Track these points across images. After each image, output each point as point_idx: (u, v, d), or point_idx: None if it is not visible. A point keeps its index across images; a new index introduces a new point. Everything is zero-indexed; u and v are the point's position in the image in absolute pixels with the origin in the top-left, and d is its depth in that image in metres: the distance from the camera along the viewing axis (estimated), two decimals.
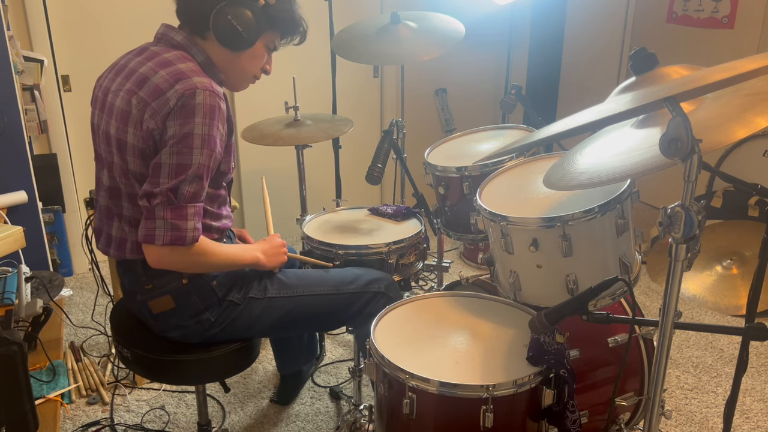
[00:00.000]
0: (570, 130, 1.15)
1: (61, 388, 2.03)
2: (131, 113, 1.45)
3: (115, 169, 1.52)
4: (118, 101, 1.48)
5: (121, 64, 1.55)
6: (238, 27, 1.49)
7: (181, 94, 1.41)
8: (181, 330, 1.60)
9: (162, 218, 1.41)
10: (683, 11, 3.59)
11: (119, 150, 1.49)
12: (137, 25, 3.14)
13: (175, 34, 1.54)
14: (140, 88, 1.45)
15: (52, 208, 3.08)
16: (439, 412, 1.34)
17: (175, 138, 1.41)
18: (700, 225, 1.03)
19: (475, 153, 2.04)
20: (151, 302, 1.57)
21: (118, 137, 1.48)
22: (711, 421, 2.19)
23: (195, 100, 1.41)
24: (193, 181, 1.42)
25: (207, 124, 1.42)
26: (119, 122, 1.47)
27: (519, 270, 1.57)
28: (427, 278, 3.08)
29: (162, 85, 1.43)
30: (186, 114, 1.41)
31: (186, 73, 1.44)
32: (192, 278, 1.56)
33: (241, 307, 1.62)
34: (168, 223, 1.41)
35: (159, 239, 1.41)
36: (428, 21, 2.43)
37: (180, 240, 1.42)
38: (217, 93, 1.45)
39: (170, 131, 1.41)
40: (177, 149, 1.41)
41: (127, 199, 1.53)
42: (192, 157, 1.41)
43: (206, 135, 1.42)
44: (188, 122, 1.41)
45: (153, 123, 1.42)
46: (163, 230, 1.41)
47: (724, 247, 2.97)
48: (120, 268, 1.63)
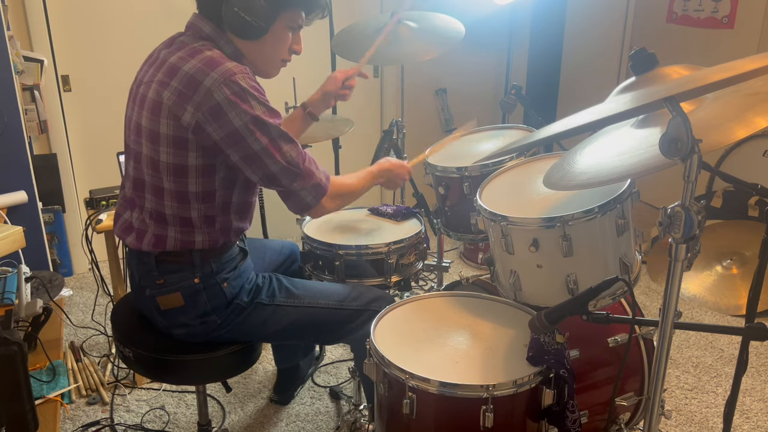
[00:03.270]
0: (570, 130, 1.15)
1: (61, 388, 2.03)
2: (163, 104, 1.44)
3: (143, 160, 1.52)
4: (150, 93, 1.48)
5: (154, 56, 1.56)
6: (247, 18, 1.47)
7: (221, 82, 1.41)
8: (187, 329, 1.60)
9: (302, 188, 1.55)
10: (683, 11, 3.59)
11: (151, 141, 1.48)
12: (137, 25, 3.14)
13: (204, 24, 1.53)
14: (172, 78, 1.45)
15: (52, 208, 3.09)
16: (439, 412, 1.34)
17: (248, 126, 1.44)
18: (700, 225, 1.03)
19: (475, 153, 2.04)
20: (160, 298, 1.57)
21: (150, 128, 1.48)
22: (711, 421, 2.19)
23: (239, 84, 1.42)
24: (287, 146, 1.50)
25: (261, 100, 1.46)
26: (151, 113, 1.47)
27: (519, 270, 1.57)
28: (427, 278, 3.08)
29: (196, 75, 1.42)
30: (240, 100, 1.42)
31: (217, 60, 1.44)
32: (203, 278, 1.56)
33: (248, 311, 1.62)
34: (308, 188, 1.56)
35: (313, 202, 1.58)
36: (428, 21, 2.43)
37: (323, 189, 1.58)
38: (251, 74, 1.48)
39: (236, 123, 1.43)
40: (257, 134, 1.45)
41: (151, 191, 1.53)
42: (271, 131, 1.47)
43: (266, 109, 1.47)
44: (248, 107, 1.43)
45: (201, 115, 1.42)
46: (309, 195, 1.57)
47: (724, 247, 2.97)
48: (133, 259, 1.63)
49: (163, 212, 1.53)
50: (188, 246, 1.55)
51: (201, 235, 1.55)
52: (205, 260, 1.56)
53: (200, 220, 1.54)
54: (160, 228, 1.54)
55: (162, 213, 1.53)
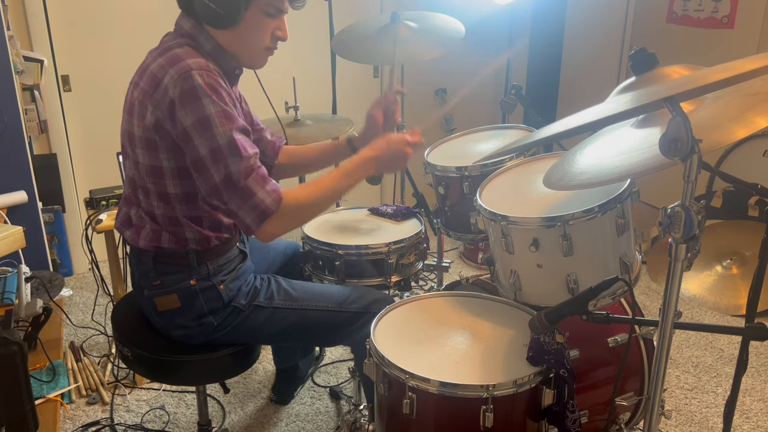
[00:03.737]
0: (570, 130, 1.15)
1: (61, 388, 2.03)
2: (135, 105, 1.45)
3: (130, 161, 1.53)
4: (130, 94, 1.49)
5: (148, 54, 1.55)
6: (212, 5, 1.41)
7: (177, 80, 1.36)
8: (184, 330, 1.60)
9: (237, 208, 1.41)
10: (683, 11, 3.59)
11: (130, 143, 1.50)
12: (137, 25, 3.14)
13: (185, 22, 1.50)
14: (141, 78, 1.45)
15: (52, 208, 3.09)
16: (439, 412, 1.34)
17: (194, 127, 1.37)
18: (700, 225, 1.03)
19: (475, 153, 2.04)
20: (157, 299, 1.57)
21: (128, 129, 1.49)
22: (711, 421, 2.19)
23: (194, 81, 1.36)
24: (233, 157, 1.38)
25: (215, 101, 1.38)
26: (128, 115, 1.49)
27: (519, 270, 1.57)
28: (427, 278, 3.08)
29: (158, 72, 1.40)
30: (191, 98, 1.36)
31: (180, 56, 1.40)
32: (200, 280, 1.56)
33: (246, 314, 1.62)
34: (245, 210, 1.40)
35: (253, 225, 1.42)
36: (428, 21, 2.43)
37: (266, 213, 1.41)
38: (212, 71, 1.40)
39: (185, 122, 1.37)
40: (201, 137, 1.37)
41: (141, 191, 1.54)
42: (217, 138, 1.37)
43: (219, 111, 1.38)
44: (198, 106, 1.36)
45: (159, 113, 1.40)
46: (248, 216, 1.41)
47: (724, 247, 2.97)
48: (132, 258, 1.64)
49: (153, 212, 1.54)
50: (183, 244, 1.55)
51: (192, 234, 1.54)
52: (202, 262, 1.56)
53: (187, 220, 1.53)
54: (155, 225, 1.55)
55: (153, 213, 1.54)
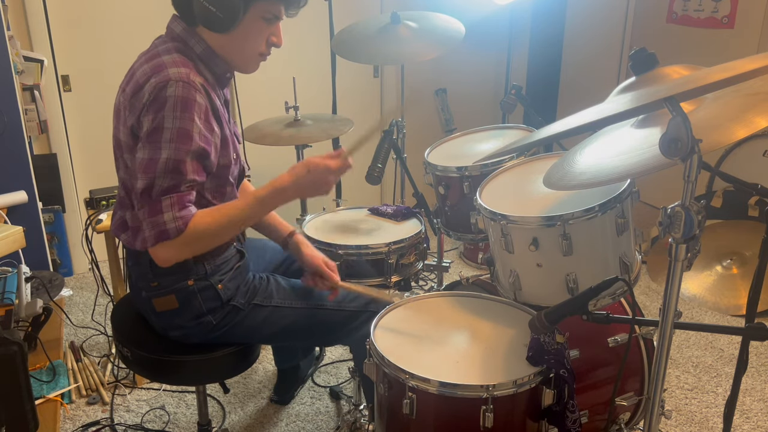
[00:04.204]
0: (570, 130, 1.15)
1: (61, 388, 2.03)
2: (120, 110, 1.46)
3: (120, 164, 1.53)
4: (117, 99, 1.50)
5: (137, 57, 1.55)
6: (213, 9, 1.40)
7: (153, 87, 1.36)
8: (182, 330, 1.59)
9: (143, 219, 1.38)
10: (683, 11, 3.59)
11: (118, 148, 1.50)
12: (137, 25, 3.14)
13: (176, 25, 1.49)
14: (127, 84, 1.45)
15: (52, 208, 3.08)
16: (439, 412, 1.34)
17: (147, 133, 1.36)
18: (700, 225, 1.03)
19: (475, 153, 2.04)
20: (155, 300, 1.57)
21: (116, 135, 1.50)
22: (711, 421, 2.19)
23: (166, 92, 1.35)
24: (165, 175, 1.36)
25: (178, 117, 1.36)
26: (116, 120, 1.49)
27: (519, 269, 1.57)
28: (427, 278, 3.08)
29: (140, 79, 1.41)
30: (157, 107, 1.36)
31: (165, 65, 1.39)
32: (198, 280, 1.55)
33: (245, 313, 1.62)
34: (148, 223, 1.38)
35: (148, 241, 1.38)
36: (428, 21, 2.43)
37: (164, 235, 1.37)
38: (192, 84, 1.38)
39: (144, 126, 1.37)
40: (148, 144, 1.36)
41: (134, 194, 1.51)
42: (161, 151, 1.36)
43: (176, 128, 1.36)
44: (158, 115, 1.35)
45: (132, 118, 1.41)
46: (148, 230, 1.37)
47: (724, 247, 2.97)
48: (130, 260, 1.63)
49: None
50: None
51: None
52: (199, 262, 1.55)
53: None
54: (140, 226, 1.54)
55: None
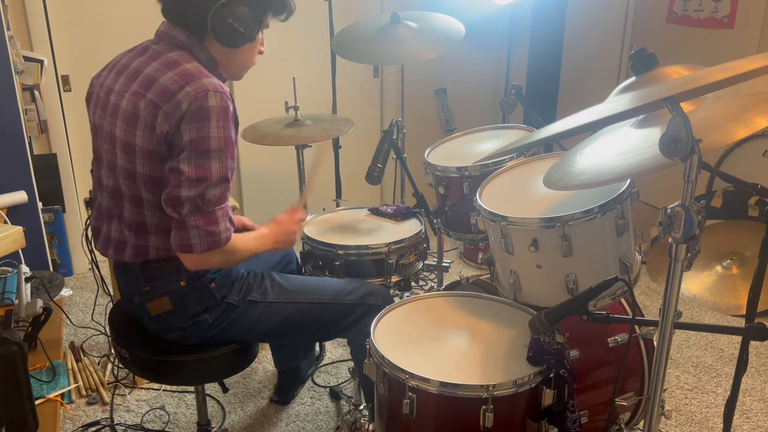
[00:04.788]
0: (570, 130, 1.15)
1: (61, 388, 2.03)
2: (140, 116, 1.42)
3: (118, 170, 1.50)
4: (124, 103, 1.45)
5: (123, 64, 1.52)
6: (239, 27, 1.46)
7: (193, 97, 1.39)
8: (179, 331, 1.60)
9: (195, 227, 1.42)
10: (683, 11, 3.59)
11: (126, 152, 1.47)
12: (137, 25, 3.13)
13: (178, 33, 1.50)
14: (148, 90, 1.42)
15: (52, 208, 3.08)
16: (439, 412, 1.34)
17: (193, 144, 1.39)
18: (700, 225, 1.03)
19: (475, 153, 2.04)
20: (149, 304, 1.57)
21: (126, 140, 1.45)
22: (711, 421, 2.19)
23: (208, 102, 1.39)
24: (217, 185, 1.42)
25: (222, 126, 1.41)
26: (126, 125, 1.45)
27: (519, 270, 1.57)
28: (427, 278, 3.08)
29: (171, 86, 1.41)
30: (201, 118, 1.39)
31: (194, 74, 1.42)
32: (190, 280, 1.55)
33: (240, 310, 1.62)
34: (202, 231, 1.43)
35: (197, 248, 1.44)
36: (428, 21, 2.43)
37: (216, 244, 1.45)
38: (226, 94, 1.44)
39: (187, 136, 1.39)
40: (196, 155, 1.39)
41: (129, 201, 1.51)
42: (211, 161, 1.41)
43: (222, 137, 1.41)
44: (204, 126, 1.39)
45: (166, 126, 1.40)
46: (198, 238, 1.43)
47: (724, 247, 2.97)
48: (118, 269, 1.64)
49: (143, 222, 1.51)
50: (170, 253, 1.52)
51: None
52: None
53: None
54: (140, 238, 1.52)
55: (142, 222, 1.51)
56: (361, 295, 1.73)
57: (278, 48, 1.56)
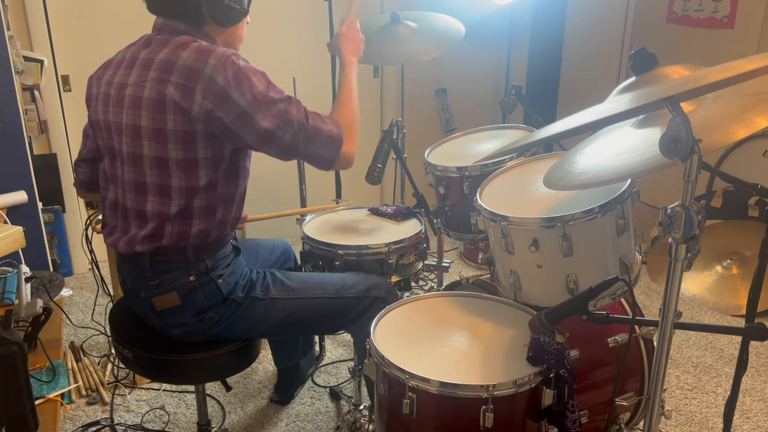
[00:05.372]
0: (570, 130, 1.15)
1: (61, 388, 2.03)
2: (167, 100, 1.43)
3: (145, 161, 1.49)
4: (146, 92, 1.45)
5: (129, 57, 1.53)
6: (235, 6, 1.52)
7: (222, 68, 1.42)
8: (184, 328, 1.60)
9: (316, 147, 1.53)
10: (683, 11, 3.60)
11: (156, 140, 1.46)
12: (137, 25, 3.12)
13: (177, 23, 1.53)
14: (170, 74, 1.43)
15: (52, 208, 3.09)
16: (439, 412, 1.34)
17: (253, 104, 1.45)
18: (700, 225, 1.03)
19: (476, 153, 2.04)
20: (156, 299, 1.57)
21: (155, 127, 1.45)
22: (711, 421, 2.19)
23: (238, 65, 1.44)
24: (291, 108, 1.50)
25: (258, 77, 1.47)
26: (153, 112, 1.44)
27: (519, 270, 1.57)
28: (427, 278, 3.08)
29: (194, 65, 1.43)
30: (243, 80, 1.44)
31: (209, 48, 1.46)
32: (199, 276, 1.56)
33: (244, 306, 1.62)
34: (322, 145, 1.53)
35: (335, 156, 1.56)
36: (428, 21, 2.43)
37: (339, 139, 1.56)
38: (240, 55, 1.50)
39: (242, 101, 1.44)
40: (264, 109, 1.46)
41: (155, 191, 1.50)
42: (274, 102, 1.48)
43: (265, 83, 1.48)
44: (251, 85, 1.45)
45: (208, 104, 1.42)
46: (327, 151, 1.55)
47: (724, 247, 2.97)
48: (124, 264, 1.62)
49: (167, 212, 1.51)
50: (184, 239, 1.53)
51: (198, 225, 1.53)
52: (199, 257, 1.56)
53: (201, 210, 1.53)
54: (157, 227, 1.53)
55: (165, 212, 1.51)
56: (364, 288, 1.73)
57: (278, 48, 1.57)
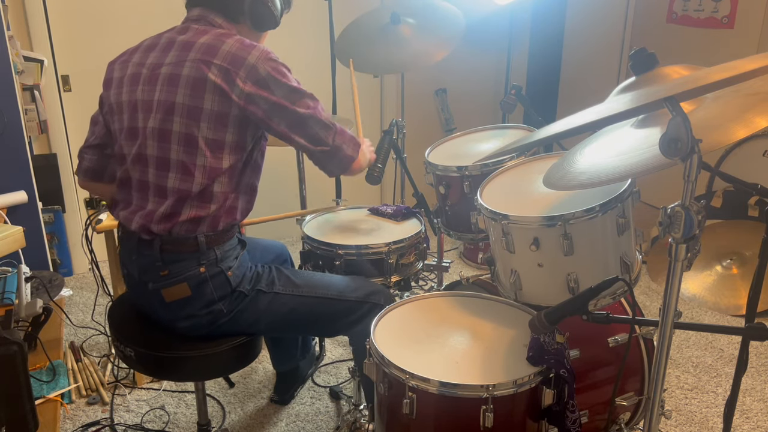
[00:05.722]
0: (570, 130, 1.15)
1: (61, 388, 2.03)
2: (207, 81, 1.49)
3: (173, 137, 1.53)
4: (185, 71, 1.51)
5: (165, 41, 1.58)
6: (274, 11, 1.63)
7: (265, 60, 1.51)
8: (191, 320, 1.60)
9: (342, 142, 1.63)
10: (683, 11, 3.59)
11: (190, 117, 1.51)
12: (137, 25, 3.14)
13: (215, 16, 1.60)
14: (213, 57, 1.50)
15: (52, 208, 3.09)
16: (439, 412, 1.34)
17: (290, 95, 1.54)
18: (700, 225, 1.03)
19: (476, 153, 2.04)
20: (165, 290, 1.56)
21: (192, 104, 1.50)
22: (711, 421, 2.19)
23: (277, 62, 1.54)
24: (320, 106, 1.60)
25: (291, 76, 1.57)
26: (192, 90, 1.50)
27: (520, 269, 1.57)
28: (427, 278, 3.08)
29: (239, 53, 1.50)
30: (281, 74, 1.53)
31: (250, 42, 1.54)
32: (209, 266, 1.57)
33: (249, 299, 1.63)
34: (346, 142, 1.64)
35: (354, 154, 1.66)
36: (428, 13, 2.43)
37: (357, 142, 1.68)
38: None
39: (279, 93, 1.52)
40: (300, 99, 1.56)
41: (178, 168, 1.53)
42: (307, 96, 1.58)
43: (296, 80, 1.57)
44: (289, 80, 1.54)
45: (248, 88, 1.50)
46: (350, 147, 1.65)
47: (724, 247, 2.97)
48: (132, 254, 1.61)
49: (188, 189, 1.53)
50: (196, 224, 1.55)
51: (215, 210, 1.56)
52: (210, 247, 1.56)
53: (220, 194, 1.56)
54: (176, 206, 1.54)
55: (187, 190, 1.53)
56: (365, 294, 1.73)
57: (278, 48, 1.57)
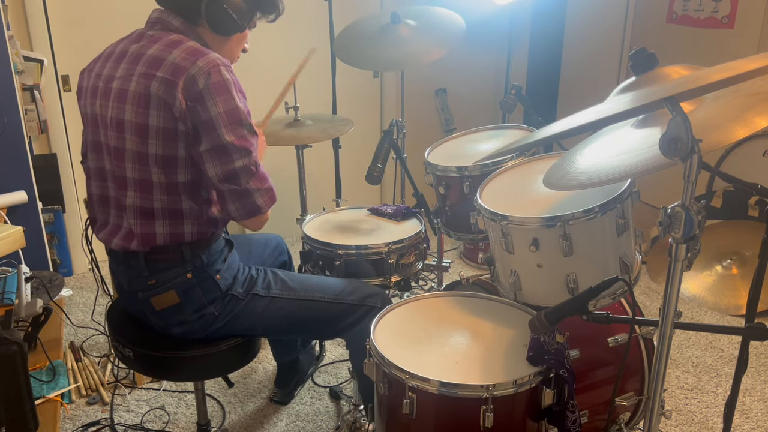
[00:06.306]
0: (570, 130, 1.15)
1: (61, 388, 2.03)
2: (152, 96, 1.43)
3: (127, 156, 1.49)
4: (132, 86, 1.46)
5: (119, 51, 1.54)
6: (234, 15, 1.53)
7: (207, 72, 1.42)
8: (185, 326, 1.59)
9: (257, 189, 1.52)
10: (683, 11, 3.59)
11: (138, 135, 1.46)
12: (138, 25, 3.13)
13: (172, 18, 1.54)
14: (158, 69, 1.44)
15: (52, 208, 3.09)
16: (439, 412, 1.34)
17: (227, 115, 1.45)
18: (700, 225, 1.03)
19: (476, 153, 2.04)
20: (154, 299, 1.56)
21: (138, 121, 1.45)
22: (711, 421, 2.19)
23: (222, 76, 1.44)
24: (255, 148, 1.51)
25: (240, 97, 1.48)
26: (138, 106, 1.45)
27: (519, 269, 1.57)
28: (427, 278, 3.08)
29: (182, 63, 1.43)
30: (222, 90, 1.44)
31: (201, 50, 1.46)
32: (196, 272, 1.56)
33: (244, 303, 1.62)
34: (263, 191, 1.54)
35: (264, 207, 1.55)
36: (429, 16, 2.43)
37: (274, 197, 1.58)
38: (232, 68, 1.50)
39: (214, 110, 1.43)
40: (233, 126, 1.45)
41: (136, 186, 1.50)
42: (244, 128, 1.48)
43: (244, 107, 1.48)
44: (229, 98, 1.45)
45: (186, 102, 1.43)
46: (262, 198, 1.54)
47: (724, 247, 2.97)
48: (119, 266, 1.61)
49: (150, 207, 1.51)
50: (178, 239, 1.53)
51: (191, 226, 1.54)
52: (195, 253, 1.56)
53: (190, 211, 1.53)
54: (146, 225, 1.52)
55: (149, 208, 1.51)
56: (362, 297, 1.73)
57: (278, 48, 1.57)
